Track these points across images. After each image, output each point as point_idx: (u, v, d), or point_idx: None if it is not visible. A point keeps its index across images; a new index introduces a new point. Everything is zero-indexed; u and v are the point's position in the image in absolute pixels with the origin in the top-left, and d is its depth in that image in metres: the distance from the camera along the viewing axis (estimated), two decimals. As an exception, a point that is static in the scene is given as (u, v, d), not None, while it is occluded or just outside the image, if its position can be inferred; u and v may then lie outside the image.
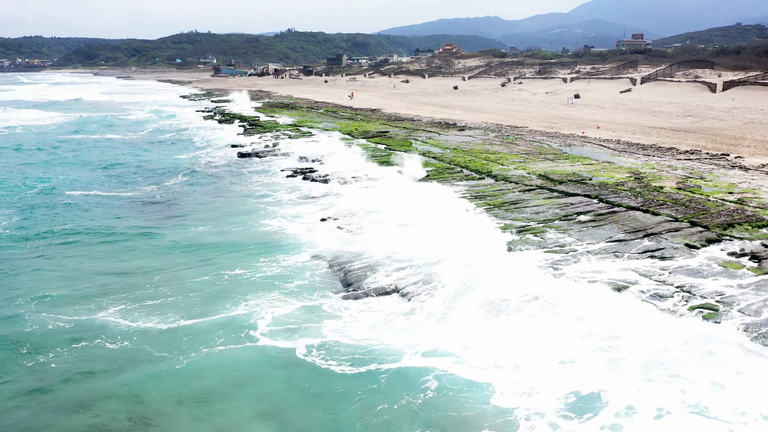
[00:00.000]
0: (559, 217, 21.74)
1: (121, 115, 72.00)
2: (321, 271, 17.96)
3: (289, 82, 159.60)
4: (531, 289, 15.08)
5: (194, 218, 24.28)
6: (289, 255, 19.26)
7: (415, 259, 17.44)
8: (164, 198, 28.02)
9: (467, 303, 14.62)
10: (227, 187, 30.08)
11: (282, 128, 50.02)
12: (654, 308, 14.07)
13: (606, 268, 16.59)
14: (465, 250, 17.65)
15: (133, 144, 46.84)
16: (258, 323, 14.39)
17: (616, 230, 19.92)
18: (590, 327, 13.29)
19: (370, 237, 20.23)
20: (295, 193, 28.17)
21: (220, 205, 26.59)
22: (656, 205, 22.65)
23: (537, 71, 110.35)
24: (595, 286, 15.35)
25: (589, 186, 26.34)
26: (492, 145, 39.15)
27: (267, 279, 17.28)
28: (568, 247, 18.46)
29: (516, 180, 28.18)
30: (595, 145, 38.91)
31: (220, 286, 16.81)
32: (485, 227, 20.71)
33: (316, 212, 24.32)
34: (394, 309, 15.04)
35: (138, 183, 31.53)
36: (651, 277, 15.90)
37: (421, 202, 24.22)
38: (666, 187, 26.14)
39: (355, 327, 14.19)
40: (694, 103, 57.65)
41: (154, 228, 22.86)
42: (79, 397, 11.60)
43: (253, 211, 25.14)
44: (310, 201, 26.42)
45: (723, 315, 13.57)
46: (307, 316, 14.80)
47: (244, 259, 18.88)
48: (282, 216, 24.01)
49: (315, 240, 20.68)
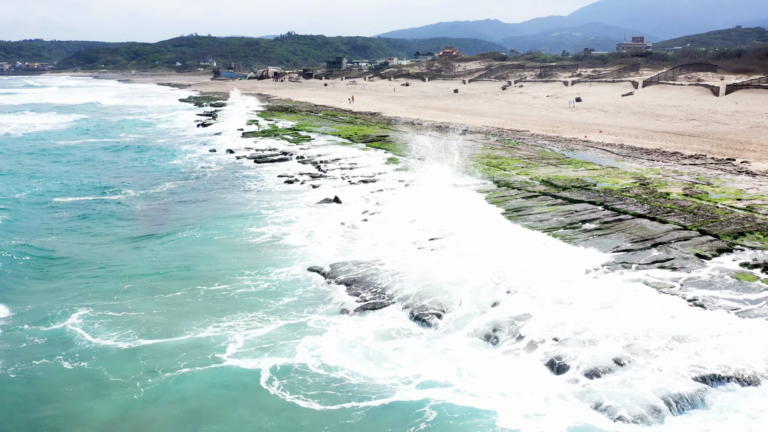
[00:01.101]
0: (564, 225, 21.10)
1: (147, 118, 71.57)
2: (315, 286, 16.96)
3: (288, 85, 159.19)
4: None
5: (181, 225, 23.40)
6: (280, 267, 18.30)
7: (417, 272, 16.76)
8: (153, 204, 27.23)
9: (479, 325, 13.91)
10: (219, 193, 29.35)
11: (281, 132, 49.41)
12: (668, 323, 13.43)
13: (614, 279, 15.97)
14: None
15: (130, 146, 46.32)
16: (227, 347, 13.26)
17: (623, 239, 19.28)
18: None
19: (374, 247, 19.53)
20: (290, 198, 27.48)
21: (210, 211, 25.76)
22: (663, 212, 22.02)
23: (538, 74, 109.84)
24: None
25: (593, 192, 25.71)
26: (494, 150, 38.54)
27: (250, 295, 16.20)
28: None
29: (519, 186, 27.55)
30: (598, 150, 38.30)
31: (194, 303, 15.64)
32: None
33: (313, 219, 23.63)
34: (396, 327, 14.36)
35: (132, 187, 30.87)
36: (661, 289, 15.25)
37: (421, 207, 23.60)
38: (672, 193, 25.51)
39: (346, 351, 13.18)
40: (697, 107, 57.07)
41: (137, 235, 22.00)
42: (14, 417, 10.94)
43: (245, 217, 24.29)
44: (306, 207, 25.76)
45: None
46: (288, 338, 13.67)
47: (228, 272, 17.76)
48: (275, 222, 23.24)
49: (311, 250, 19.86)
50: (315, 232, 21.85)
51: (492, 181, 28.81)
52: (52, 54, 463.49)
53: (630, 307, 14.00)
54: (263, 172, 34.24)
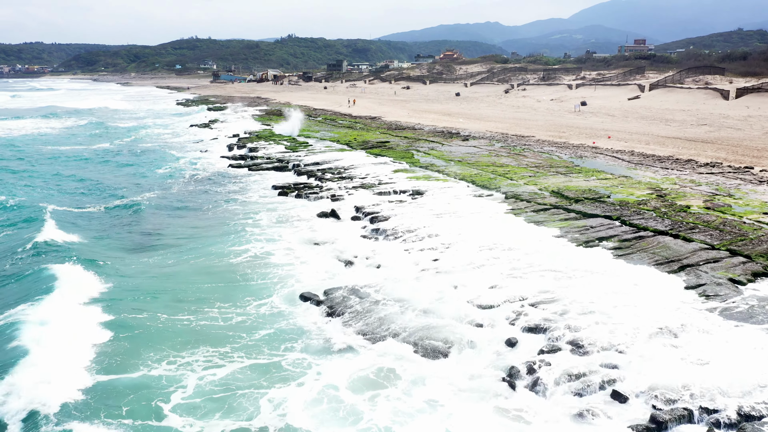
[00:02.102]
0: (580, 243, 19.41)
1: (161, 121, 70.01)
2: (297, 317, 14.91)
3: (288, 88, 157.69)
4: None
5: (155, 241, 21.38)
6: (259, 293, 16.23)
7: (423, 300, 15.03)
8: (125, 217, 25.26)
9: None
10: (204, 205, 27.33)
11: (277, 138, 47.76)
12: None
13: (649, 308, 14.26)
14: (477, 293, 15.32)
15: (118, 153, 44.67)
16: (175, 392, 11.19)
17: (646, 260, 17.58)
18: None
19: (374, 269, 17.80)
20: (282, 212, 25.67)
21: (189, 228, 23.73)
22: (687, 228, 20.34)
23: (541, 77, 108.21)
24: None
25: (608, 205, 24.03)
26: (499, 157, 36.87)
27: (218, 328, 14.16)
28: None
29: (528, 198, 25.86)
30: (608, 157, 36.64)
31: (155, 331, 13.73)
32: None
33: (305, 236, 21.87)
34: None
35: (108, 197, 29.05)
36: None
37: (428, 222, 21.92)
38: (693, 206, 23.85)
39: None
40: (707, 111, 55.40)
41: (100, 252, 19.95)
42: None
43: (227, 234, 22.11)
44: (299, 222, 24.01)
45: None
46: (251, 385, 11.52)
47: (198, 299, 15.73)
48: (260, 240, 21.08)
49: (297, 272, 17.87)
50: (305, 250, 19.97)
51: (499, 192, 27.13)
52: (53, 57, 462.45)
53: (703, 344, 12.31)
54: (256, 182, 32.52)
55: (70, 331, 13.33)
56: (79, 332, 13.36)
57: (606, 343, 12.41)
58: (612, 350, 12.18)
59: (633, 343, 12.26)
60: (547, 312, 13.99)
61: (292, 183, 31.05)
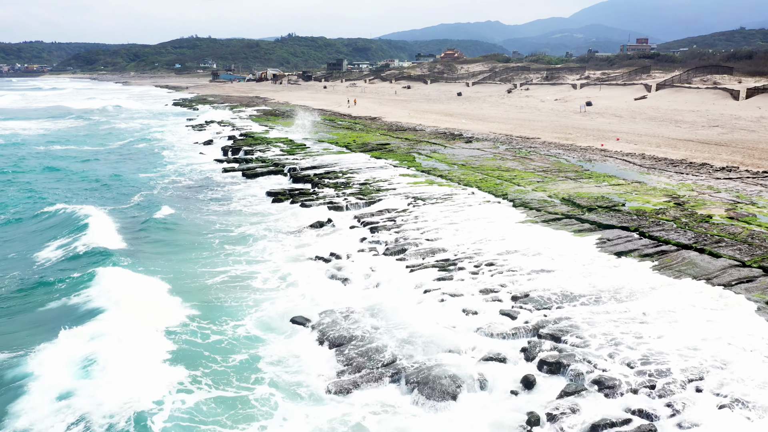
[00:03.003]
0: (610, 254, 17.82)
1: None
2: (277, 342, 13.18)
3: (287, 87, 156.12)
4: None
5: (136, 254, 19.55)
6: (236, 315, 14.59)
7: (427, 327, 13.44)
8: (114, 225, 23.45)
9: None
10: (189, 213, 25.43)
11: (274, 140, 46.17)
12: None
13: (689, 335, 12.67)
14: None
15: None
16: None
17: (672, 279, 15.99)
18: None
19: (373, 290, 16.22)
20: (273, 221, 24.09)
21: (169, 245, 21.83)
22: (712, 242, 18.74)
23: (544, 77, 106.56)
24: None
25: (624, 215, 22.43)
26: (504, 161, 35.29)
27: (197, 345, 12.63)
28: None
29: (537, 206, 24.26)
30: (619, 160, 35.06)
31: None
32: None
33: (296, 250, 20.29)
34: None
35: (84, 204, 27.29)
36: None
37: (434, 233, 20.33)
38: (715, 215, 22.25)
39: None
40: (717, 112, 53.78)
41: (54, 272, 17.80)
42: None
43: (210, 248, 20.24)
44: (291, 234, 22.41)
45: None
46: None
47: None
48: (244, 256, 19.38)
49: (282, 294, 16.12)
50: (297, 266, 18.30)
51: (507, 200, 25.54)
52: (52, 56, 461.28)
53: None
54: (249, 188, 30.93)
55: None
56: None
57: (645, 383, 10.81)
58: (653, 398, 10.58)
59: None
60: (569, 342, 12.40)
61: (287, 189, 29.47)
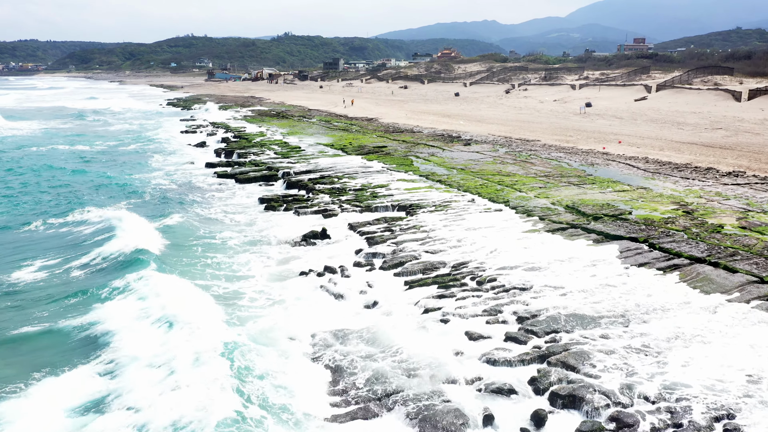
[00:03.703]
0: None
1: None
2: (266, 364, 12.06)
3: (283, 87, 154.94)
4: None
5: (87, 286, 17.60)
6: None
7: (421, 358, 12.41)
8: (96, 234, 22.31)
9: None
10: (180, 221, 24.15)
11: (268, 143, 45.09)
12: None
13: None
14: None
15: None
16: None
17: (688, 296, 15.03)
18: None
19: (373, 311, 15.20)
20: (260, 230, 23.05)
21: (162, 244, 20.88)
22: (726, 255, 17.79)
23: (542, 77, 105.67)
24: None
25: (632, 224, 21.46)
26: (504, 165, 34.31)
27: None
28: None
29: (540, 214, 23.29)
30: (622, 165, 34.12)
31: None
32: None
33: (286, 264, 19.28)
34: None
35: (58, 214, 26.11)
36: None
37: (436, 245, 19.32)
38: (726, 225, 21.32)
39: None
40: (720, 114, 52.90)
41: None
42: None
43: (210, 253, 19.38)
44: (281, 246, 21.36)
45: None
46: None
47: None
48: (236, 265, 18.34)
49: (280, 310, 15.13)
50: (289, 282, 17.26)
51: (509, 207, 24.56)
52: (47, 54, 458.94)
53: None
54: (241, 194, 29.88)
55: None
56: None
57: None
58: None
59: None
60: (582, 371, 11.42)
61: (280, 195, 28.45)
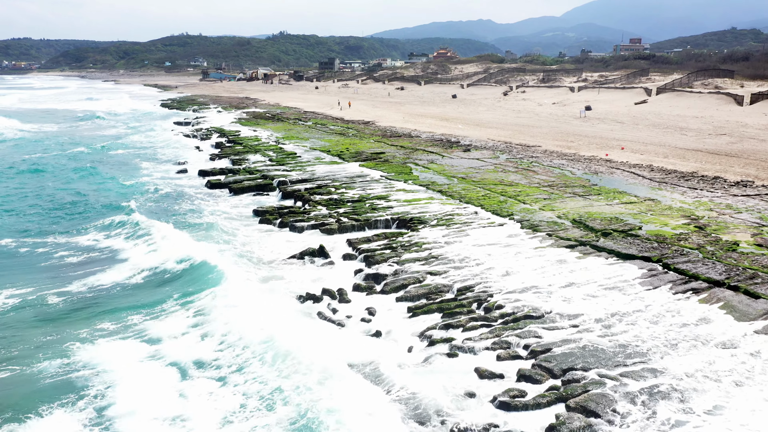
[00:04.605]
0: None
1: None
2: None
3: (278, 87, 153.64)
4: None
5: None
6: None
7: (429, 400, 11.42)
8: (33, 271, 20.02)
9: None
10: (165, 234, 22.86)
11: (263, 148, 44.02)
12: None
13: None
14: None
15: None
16: None
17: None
18: None
19: (373, 341, 14.23)
20: (261, 248, 22.09)
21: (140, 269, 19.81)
22: (746, 277, 16.89)
23: (540, 79, 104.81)
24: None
25: (643, 242, 20.54)
26: (506, 173, 33.38)
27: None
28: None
29: (547, 229, 22.36)
30: (627, 173, 33.26)
31: None
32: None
33: (293, 286, 18.27)
34: None
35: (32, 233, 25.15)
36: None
37: (442, 265, 18.35)
38: (741, 242, 20.45)
39: None
40: (722, 119, 52.11)
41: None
42: None
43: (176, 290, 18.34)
44: (281, 267, 20.33)
45: None
46: None
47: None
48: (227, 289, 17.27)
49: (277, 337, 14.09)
50: (286, 310, 16.10)
51: (513, 221, 23.62)
52: (41, 53, 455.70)
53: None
54: (235, 205, 28.85)
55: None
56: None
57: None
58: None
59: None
60: (605, 417, 10.47)
61: (275, 206, 27.40)
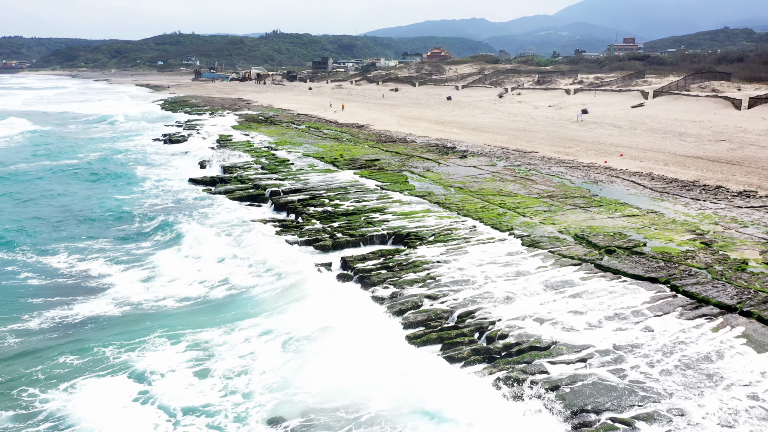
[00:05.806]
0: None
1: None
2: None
3: (271, 88, 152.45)
4: None
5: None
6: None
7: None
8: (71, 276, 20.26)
9: None
10: (139, 266, 21.88)
11: (256, 154, 43.11)
12: None
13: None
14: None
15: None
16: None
17: (725, 360, 13.40)
18: None
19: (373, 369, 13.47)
20: (243, 266, 21.28)
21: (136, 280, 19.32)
22: (759, 302, 16.22)
23: (536, 81, 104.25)
24: None
25: (649, 259, 19.85)
26: (504, 182, 32.64)
27: None
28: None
29: (549, 245, 21.60)
30: (627, 182, 32.60)
31: None
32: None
33: (276, 312, 17.48)
34: None
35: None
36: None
37: (421, 285, 17.56)
38: (750, 260, 19.78)
39: None
40: (721, 123, 51.57)
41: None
42: None
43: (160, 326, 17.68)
44: (275, 290, 19.51)
45: None
46: None
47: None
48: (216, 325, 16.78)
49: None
50: (270, 344, 15.42)
51: (514, 236, 22.86)
52: (32, 51, 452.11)
53: None
54: (226, 213, 28.03)
55: None
56: None
57: None
58: None
59: None
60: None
61: (268, 219, 26.57)
